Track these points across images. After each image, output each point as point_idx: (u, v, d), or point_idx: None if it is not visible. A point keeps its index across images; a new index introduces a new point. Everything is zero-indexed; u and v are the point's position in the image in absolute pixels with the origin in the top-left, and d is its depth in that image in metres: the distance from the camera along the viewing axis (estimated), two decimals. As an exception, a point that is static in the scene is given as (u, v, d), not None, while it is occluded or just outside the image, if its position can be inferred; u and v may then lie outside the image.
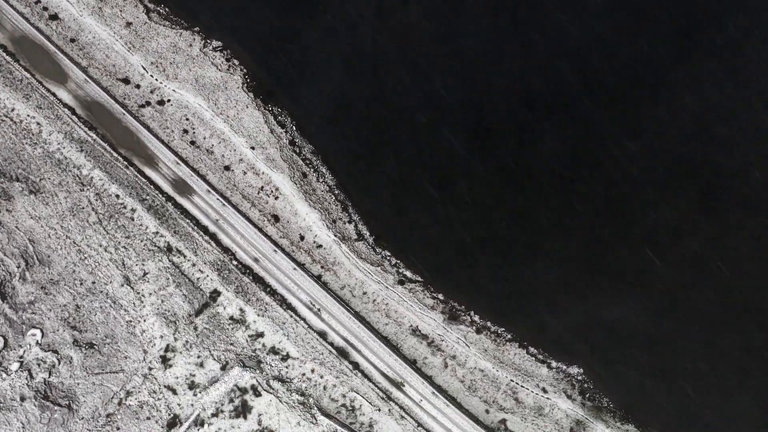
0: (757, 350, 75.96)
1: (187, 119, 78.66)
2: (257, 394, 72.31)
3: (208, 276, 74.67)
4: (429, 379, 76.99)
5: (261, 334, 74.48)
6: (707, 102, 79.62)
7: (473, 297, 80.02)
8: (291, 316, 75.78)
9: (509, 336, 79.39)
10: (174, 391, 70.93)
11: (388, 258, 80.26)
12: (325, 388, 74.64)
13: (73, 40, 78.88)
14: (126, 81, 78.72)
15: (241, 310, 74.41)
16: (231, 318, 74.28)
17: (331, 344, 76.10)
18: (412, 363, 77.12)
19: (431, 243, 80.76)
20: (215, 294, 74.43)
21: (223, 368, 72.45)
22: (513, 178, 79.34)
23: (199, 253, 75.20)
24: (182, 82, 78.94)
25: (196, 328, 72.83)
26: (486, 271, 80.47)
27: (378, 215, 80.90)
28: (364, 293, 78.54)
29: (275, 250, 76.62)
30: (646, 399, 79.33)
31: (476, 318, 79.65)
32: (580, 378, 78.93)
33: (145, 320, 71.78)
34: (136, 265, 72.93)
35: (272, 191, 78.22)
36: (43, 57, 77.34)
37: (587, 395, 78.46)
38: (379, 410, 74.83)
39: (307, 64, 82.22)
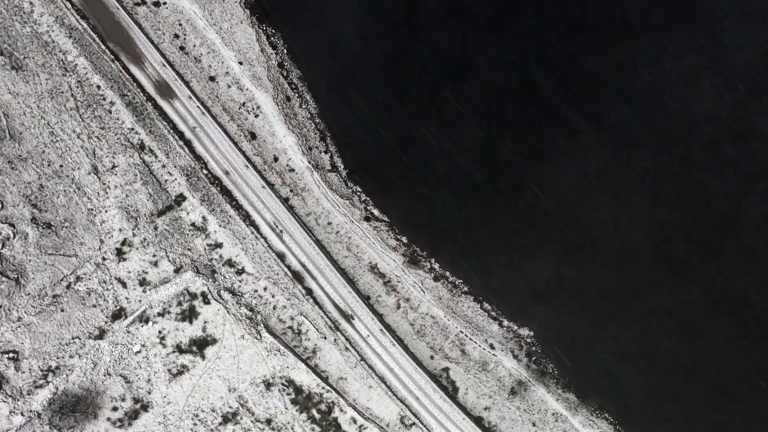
0: (701, 313, 77.20)
1: (180, 24, 79.42)
2: (206, 302, 73.10)
3: (176, 180, 75.44)
4: (379, 316, 77.92)
5: (220, 245, 75.24)
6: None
7: (437, 245, 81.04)
8: (252, 233, 76.59)
9: (466, 288, 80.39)
10: (124, 285, 71.68)
11: (358, 194, 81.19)
12: (274, 307, 75.46)
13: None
14: (125, -22, 79.53)
15: (203, 218, 75.18)
16: (192, 224, 75.04)
17: (288, 267, 76.94)
18: (365, 298, 78.01)
19: (405, 188, 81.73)
20: (180, 198, 75.18)
21: (176, 271, 73.20)
22: (495, 130, 80.00)
23: (171, 156, 75.97)
24: (181, -12, 79.76)
25: (156, 228, 73.56)
26: (454, 223, 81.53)
27: (355, 151, 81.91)
28: (329, 223, 79.42)
29: (247, 166, 77.49)
30: (592, 371, 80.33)
31: (436, 266, 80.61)
32: (529, 340, 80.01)
33: (106, 211, 72.51)
34: (107, 156, 73.67)
35: (253, 108, 79.05)
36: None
37: (533, 358, 79.55)
38: (325, 338, 75.70)
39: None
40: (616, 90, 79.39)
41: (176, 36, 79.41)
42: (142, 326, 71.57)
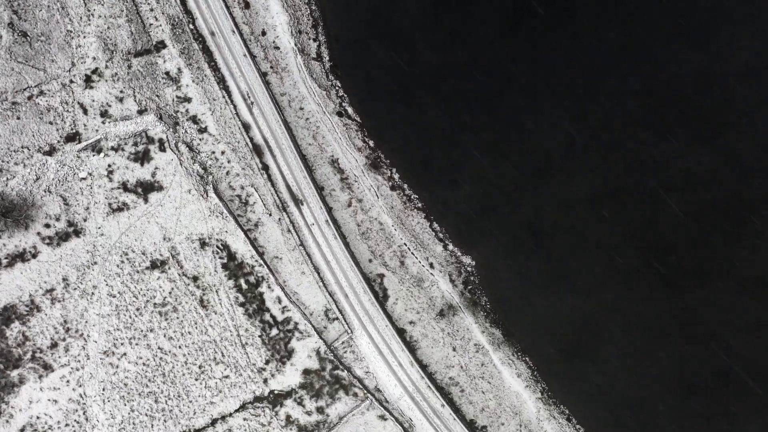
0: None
1: None
2: (162, 149, 74.19)
3: (161, 26, 76.52)
4: (329, 209, 79.16)
5: (188, 100, 76.38)
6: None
7: (401, 156, 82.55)
8: (224, 97, 77.76)
9: (420, 205, 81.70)
10: (85, 111, 72.74)
11: (336, 88, 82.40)
12: (228, 173, 76.61)
13: None
14: None
15: (179, 69, 76.27)
16: (167, 73, 76.12)
17: (251, 139, 78.17)
18: (319, 188, 79.23)
19: (384, 93, 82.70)
20: (161, 45, 76.25)
21: (140, 112, 74.36)
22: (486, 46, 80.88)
23: (161, 3, 76.94)
24: None
25: (130, 66, 74.62)
26: (422, 138, 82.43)
27: (344, 46, 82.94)
28: (301, 108, 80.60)
29: (234, 32, 78.58)
30: (523, 316, 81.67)
31: (396, 176, 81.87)
32: (469, 269, 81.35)
33: (85, 37, 73.51)
34: (98, -15, 74.46)
35: (253, -21, 79.98)
36: None
37: (469, 287, 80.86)
38: (270, 215, 76.89)
39: None
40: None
41: None
42: (94, 155, 72.58)
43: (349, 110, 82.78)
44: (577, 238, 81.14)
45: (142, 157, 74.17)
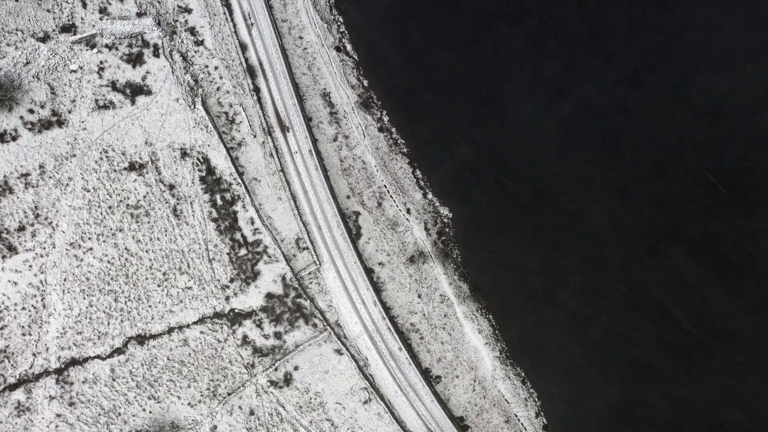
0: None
1: None
2: (156, 55, 74.75)
3: (171, -66, 76.80)
4: (314, 140, 79.80)
5: (189, 11, 77.05)
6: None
7: (393, 100, 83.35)
8: (225, 14, 78.46)
9: (405, 150, 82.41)
10: (84, 5, 73.41)
11: (339, 23, 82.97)
12: (218, 89, 77.22)
13: None
14: None
15: (184, -21, 76.55)
16: (171, -19, 76.38)
17: (246, 59, 78.71)
18: (307, 118, 79.94)
19: (385, 36, 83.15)
20: (169, -48, 76.51)
21: (138, 15, 74.94)
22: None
23: None
24: None
25: (135, -34, 74.88)
26: (418, 87, 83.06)
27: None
28: (300, 38, 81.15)
29: (243, -49, 78.91)
30: (493, 274, 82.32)
31: (385, 118, 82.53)
32: (446, 220, 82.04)
33: (94, -68, 73.75)
34: None
35: None
36: None
37: (443, 238, 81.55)
38: (255, 137, 77.55)
39: None
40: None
41: None
42: (87, 50, 73.05)
43: (348, 47, 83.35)
44: (558, 207, 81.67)
45: (135, 60, 74.65)
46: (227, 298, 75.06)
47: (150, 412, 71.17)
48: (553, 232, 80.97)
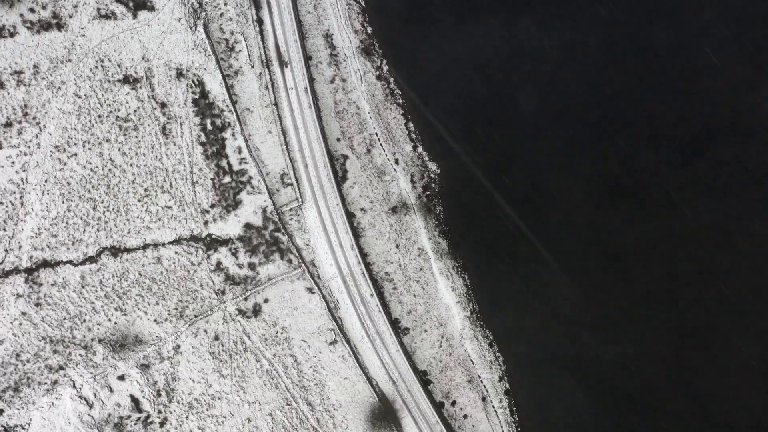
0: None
1: None
2: (163, -27, 74.78)
3: None
4: (311, 78, 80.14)
5: (202, -66, 76.81)
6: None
7: (394, 51, 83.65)
8: (236, -58, 78.41)
9: (401, 101, 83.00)
10: None
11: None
12: (221, 15, 77.63)
13: None
14: None
15: None
16: None
17: (252, -11, 78.69)
18: (307, 56, 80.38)
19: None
20: None
21: (151, -69, 74.71)
22: None
23: None
24: None
25: None
26: (422, 39, 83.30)
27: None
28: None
29: None
30: (473, 236, 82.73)
31: (385, 67, 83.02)
32: (432, 176, 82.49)
33: None
34: None
35: None
36: None
37: (428, 193, 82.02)
38: (252, 68, 78.09)
39: None
40: None
41: None
42: (95, -42, 73.12)
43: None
44: (547, 167, 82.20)
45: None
46: (206, 223, 75.45)
47: (115, 323, 71.58)
48: (541, 200, 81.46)
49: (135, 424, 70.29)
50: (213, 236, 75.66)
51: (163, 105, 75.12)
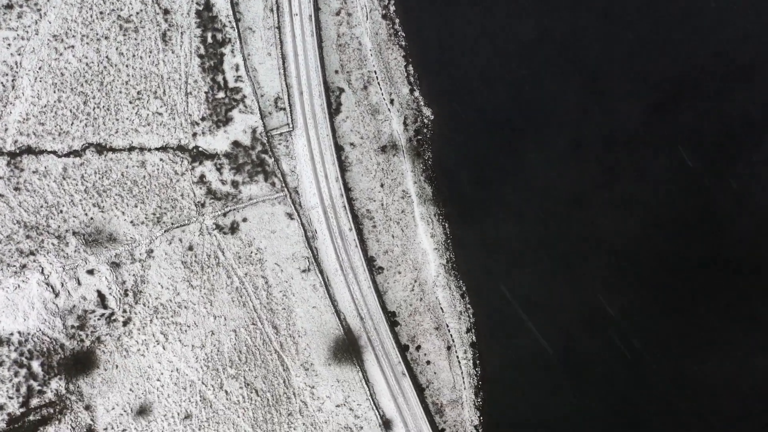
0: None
1: None
2: None
3: None
4: (317, 7, 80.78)
5: None
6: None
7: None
8: None
9: (403, 43, 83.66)
10: None
11: None
12: (236, -68, 77.56)
13: None
14: None
15: None
16: None
17: None
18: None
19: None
20: None
21: None
22: None
23: None
24: None
25: None
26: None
27: None
28: None
29: None
30: (460, 186, 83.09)
31: (392, 7, 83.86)
32: (426, 121, 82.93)
33: None
34: None
35: None
36: None
37: (419, 137, 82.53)
38: (260, -12, 78.03)
39: None
40: None
41: None
42: None
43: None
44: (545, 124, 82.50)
45: None
46: (194, 135, 75.83)
47: (91, 218, 71.97)
48: (528, 157, 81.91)
49: (98, 319, 70.69)
50: (200, 149, 76.02)
51: (166, 11, 75.42)
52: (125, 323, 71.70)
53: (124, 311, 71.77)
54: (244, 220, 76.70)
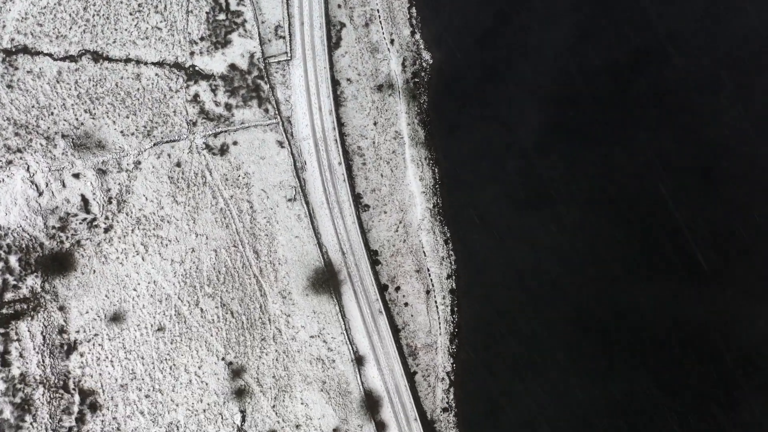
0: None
1: None
2: None
3: None
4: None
5: None
6: None
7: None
8: None
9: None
10: None
11: None
12: None
13: None
14: None
15: None
16: None
17: None
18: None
19: None
20: None
21: None
22: None
23: None
24: None
25: None
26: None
27: None
28: None
29: None
30: (452, 130, 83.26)
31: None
32: (425, 64, 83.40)
33: None
34: None
35: None
36: None
37: (416, 80, 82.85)
38: None
39: None
40: None
41: None
42: None
43: None
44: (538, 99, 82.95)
45: None
46: (192, 54, 76.06)
47: (82, 124, 72.23)
48: (533, 115, 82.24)
49: (80, 223, 70.97)
50: (196, 68, 76.24)
51: (174, -73, 75.59)
52: (107, 230, 71.97)
53: (107, 218, 72.03)
54: (235, 143, 76.94)
